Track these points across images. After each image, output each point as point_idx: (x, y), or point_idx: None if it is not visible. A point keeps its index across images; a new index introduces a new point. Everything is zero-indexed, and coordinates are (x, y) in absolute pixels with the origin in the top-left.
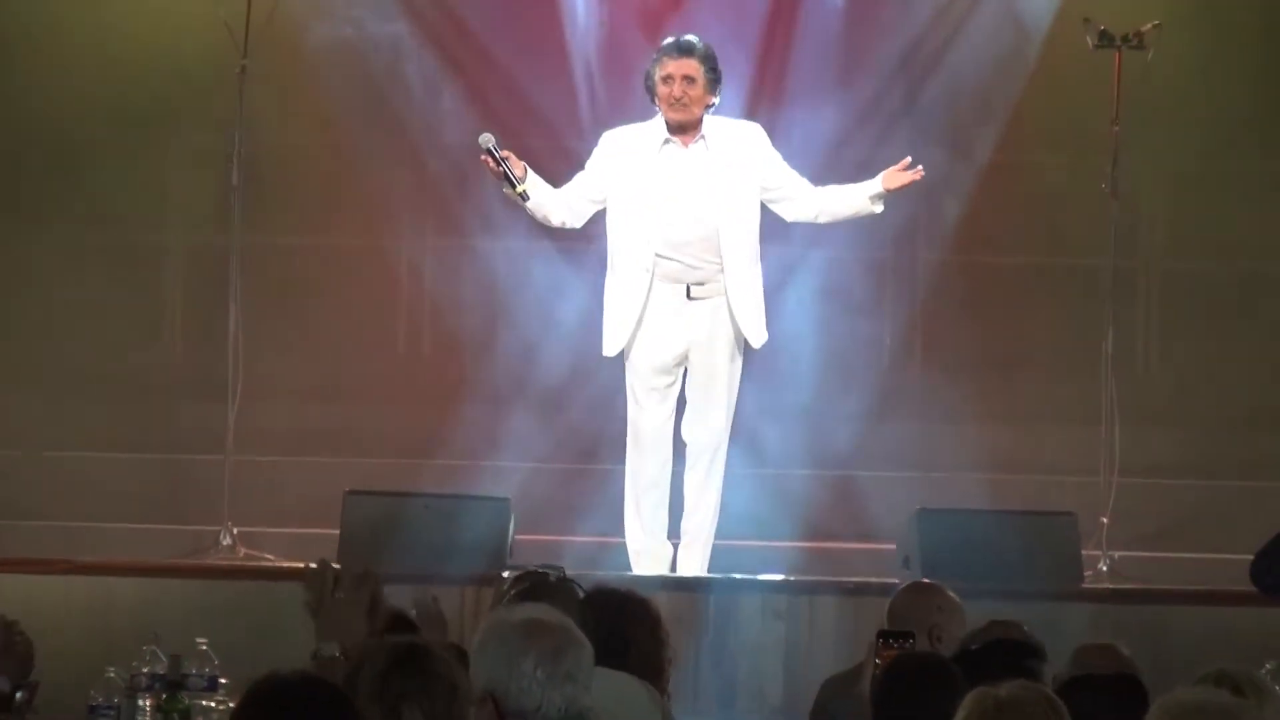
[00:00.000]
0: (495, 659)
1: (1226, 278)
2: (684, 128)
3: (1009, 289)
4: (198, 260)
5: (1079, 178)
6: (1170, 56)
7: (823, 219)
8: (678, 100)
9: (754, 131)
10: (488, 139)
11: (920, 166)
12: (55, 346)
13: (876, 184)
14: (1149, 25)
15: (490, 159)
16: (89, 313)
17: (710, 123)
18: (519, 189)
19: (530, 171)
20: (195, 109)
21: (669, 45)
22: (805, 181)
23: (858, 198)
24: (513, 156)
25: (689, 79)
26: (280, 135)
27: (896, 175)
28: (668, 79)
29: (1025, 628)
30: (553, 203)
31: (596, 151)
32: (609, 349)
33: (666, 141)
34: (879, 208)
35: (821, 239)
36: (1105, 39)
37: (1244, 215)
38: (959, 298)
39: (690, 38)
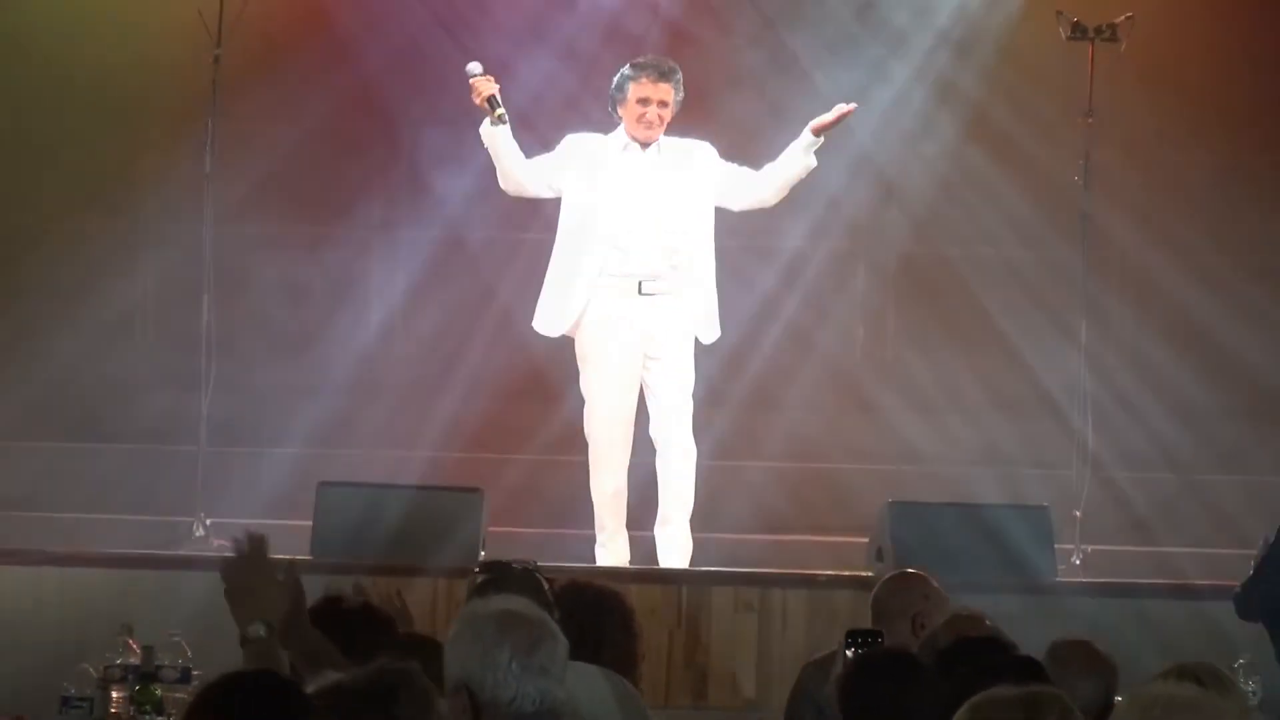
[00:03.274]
0: (469, 651)
1: (1198, 270)
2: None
3: (981, 281)
4: (171, 250)
5: (1051, 170)
6: (1143, 49)
7: (771, 197)
8: (650, 123)
9: (705, 149)
10: (476, 66)
11: (853, 104)
12: (28, 338)
13: (806, 133)
14: (1122, 17)
15: (477, 81)
16: (62, 303)
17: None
18: (498, 111)
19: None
20: (168, 98)
21: (650, 67)
22: (748, 170)
23: (794, 157)
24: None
25: (662, 104)
26: (253, 124)
27: (820, 118)
28: (645, 101)
29: (987, 621)
30: (516, 157)
31: (560, 149)
32: (545, 328)
33: (626, 146)
34: (812, 159)
35: (793, 231)
36: (1078, 31)
37: (1215, 208)
38: (931, 290)
39: (669, 63)
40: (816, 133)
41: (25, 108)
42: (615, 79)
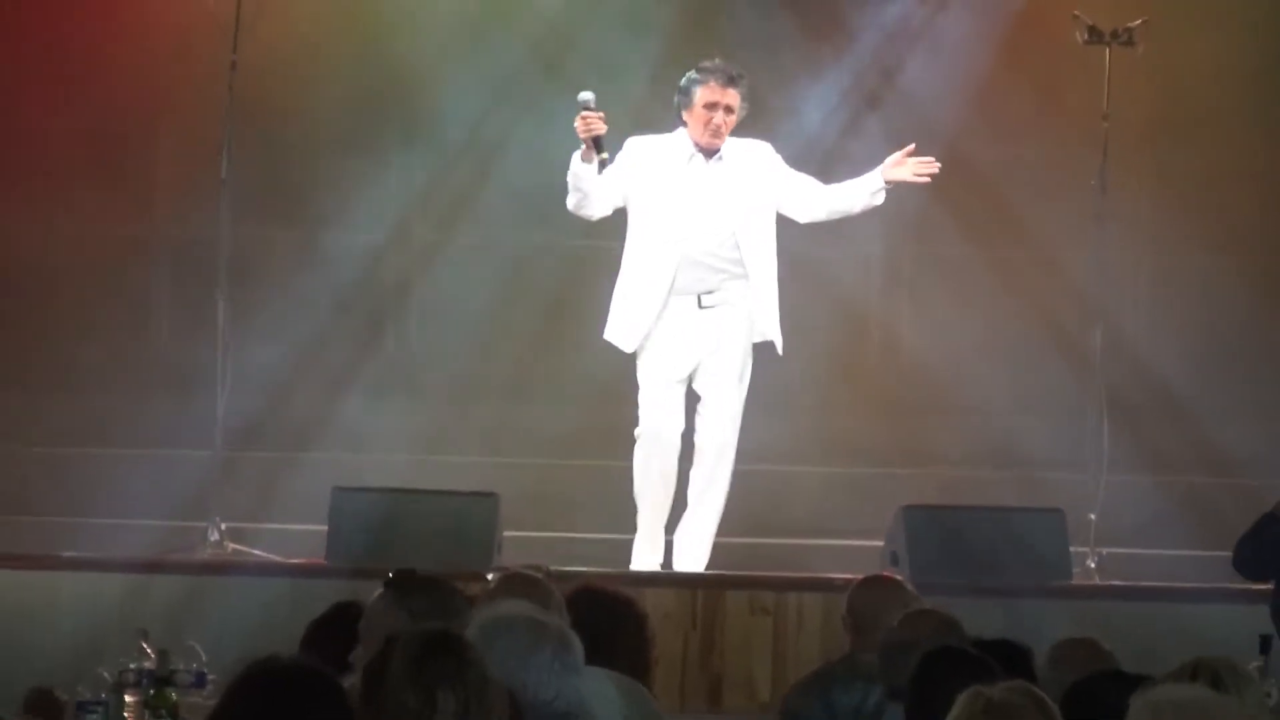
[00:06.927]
0: (507, 652)
1: (1215, 272)
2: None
3: (997, 283)
4: (185, 253)
5: (1067, 172)
6: (1160, 52)
7: (835, 216)
8: (717, 129)
9: (765, 150)
10: (589, 97)
11: (932, 159)
12: (43, 341)
13: (877, 177)
14: (1138, 21)
15: (590, 116)
16: (76, 306)
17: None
18: (602, 155)
19: None
20: (184, 101)
21: (718, 71)
22: (815, 182)
23: (861, 193)
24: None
25: (729, 109)
26: (269, 127)
27: (895, 170)
28: (713, 106)
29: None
30: (599, 189)
31: (627, 154)
32: (618, 340)
33: (692, 156)
34: (880, 200)
35: (807, 234)
36: (1094, 35)
37: (1231, 210)
38: (947, 291)
39: (738, 68)
40: (889, 183)
41: (38, 110)
42: (682, 81)
